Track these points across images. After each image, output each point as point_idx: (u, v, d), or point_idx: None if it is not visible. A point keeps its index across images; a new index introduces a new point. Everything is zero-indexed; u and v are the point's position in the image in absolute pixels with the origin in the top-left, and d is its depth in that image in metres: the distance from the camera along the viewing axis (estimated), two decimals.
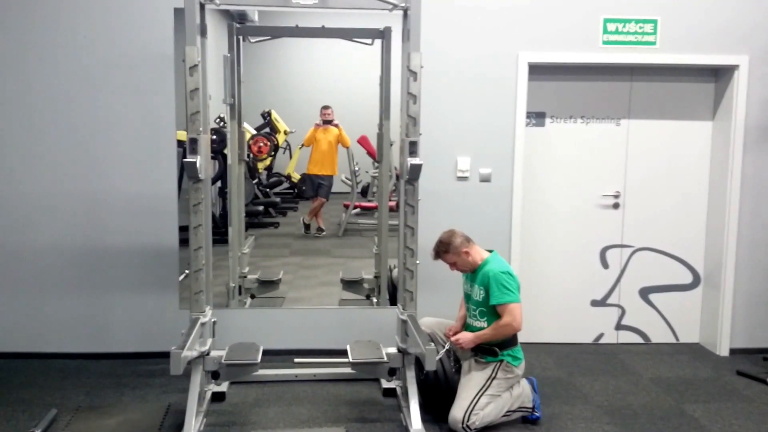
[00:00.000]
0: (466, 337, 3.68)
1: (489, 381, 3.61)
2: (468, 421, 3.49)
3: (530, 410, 3.72)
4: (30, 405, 3.84)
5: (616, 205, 4.98)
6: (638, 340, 5.10)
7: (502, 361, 3.65)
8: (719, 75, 4.88)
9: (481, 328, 3.68)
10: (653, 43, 4.65)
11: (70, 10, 4.34)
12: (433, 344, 3.36)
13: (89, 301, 4.56)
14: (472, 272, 3.77)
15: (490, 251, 3.80)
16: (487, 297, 3.64)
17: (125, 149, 4.45)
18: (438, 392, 3.79)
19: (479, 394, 3.56)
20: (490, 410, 3.56)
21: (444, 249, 3.74)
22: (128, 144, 4.45)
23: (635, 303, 5.07)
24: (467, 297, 3.85)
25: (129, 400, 3.96)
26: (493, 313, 3.64)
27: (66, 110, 4.41)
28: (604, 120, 4.92)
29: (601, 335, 5.09)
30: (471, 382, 3.63)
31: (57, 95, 4.39)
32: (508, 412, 3.63)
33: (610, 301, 5.07)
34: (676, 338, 5.11)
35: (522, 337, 3.78)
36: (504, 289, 3.59)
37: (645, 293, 5.07)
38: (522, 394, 3.70)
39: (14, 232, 4.48)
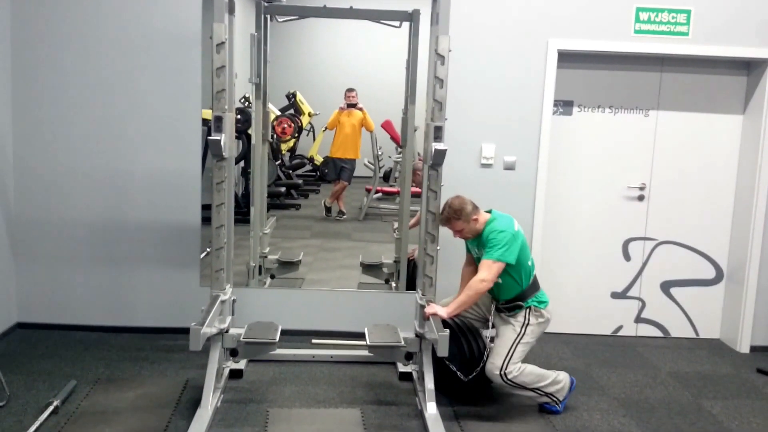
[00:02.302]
0: (438, 309, 3.61)
1: (523, 328, 3.61)
2: (506, 368, 3.50)
3: (557, 402, 3.69)
4: (50, 375, 3.90)
5: (641, 197, 4.93)
6: (658, 333, 5.06)
7: (530, 307, 3.64)
8: (751, 68, 4.80)
9: (500, 287, 3.64)
10: (686, 34, 4.57)
11: None
12: (447, 330, 3.35)
13: (112, 275, 4.61)
14: (477, 236, 3.69)
15: (489, 211, 3.73)
16: None
17: (152, 126, 4.47)
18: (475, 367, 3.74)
19: (515, 343, 3.57)
20: (529, 371, 3.57)
21: (456, 216, 3.61)
22: (155, 121, 4.47)
23: (656, 296, 5.02)
24: (477, 260, 3.73)
25: (148, 374, 4.01)
26: (505, 271, 3.58)
27: (95, 86, 4.44)
28: (632, 110, 4.86)
29: (620, 327, 5.06)
30: (505, 334, 3.63)
31: (87, 72, 4.42)
32: (541, 389, 3.62)
33: (630, 293, 5.02)
34: (696, 333, 5.06)
35: None
36: (489, 247, 3.55)
37: (666, 287, 5.02)
38: (563, 386, 3.69)
39: (41, 205, 4.53)
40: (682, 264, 5.00)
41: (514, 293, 3.65)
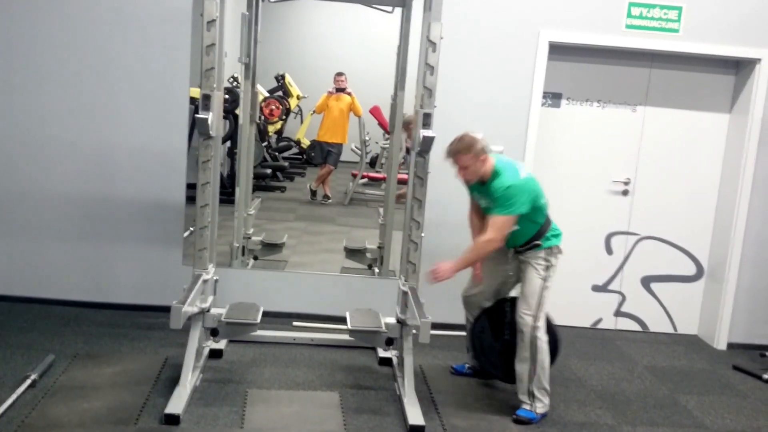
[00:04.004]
0: (443, 266, 3.46)
1: (547, 271, 3.53)
2: (538, 321, 3.47)
3: (533, 410, 3.56)
4: (29, 349, 3.88)
5: (625, 192, 4.96)
6: (636, 327, 5.11)
7: (551, 248, 3.54)
8: (740, 68, 4.83)
9: (515, 233, 3.47)
10: (676, 31, 4.59)
11: None
12: (430, 317, 3.31)
13: (93, 250, 4.58)
14: (482, 184, 3.51)
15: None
16: None
17: (138, 102, 4.43)
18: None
19: (543, 290, 3.50)
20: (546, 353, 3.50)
21: (465, 149, 3.40)
22: (141, 97, 4.43)
23: (636, 291, 5.07)
24: (486, 210, 3.57)
25: (127, 351, 4.00)
26: (524, 215, 3.42)
27: (81, 60, 4.39)
28: (620, 105, 4.88)
29: (599, 320, 5.10)
30: (531, 279, 3.51)
31: (73, 45, 4.37)
32: (539, 380, 3.50)
33: (611, 287, 5.06)
34: (675, 329, 5.12)
35: None
36: (497, 204, 3.39)
37: (647, 282, 5.07)
38: (547, 404, 3.57)
39: (23, 178, 4.49)
40: (664, 259, 5.04)
41: (532, 233, 3.53)
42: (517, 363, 3.54)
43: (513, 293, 3.75)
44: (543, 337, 3.49)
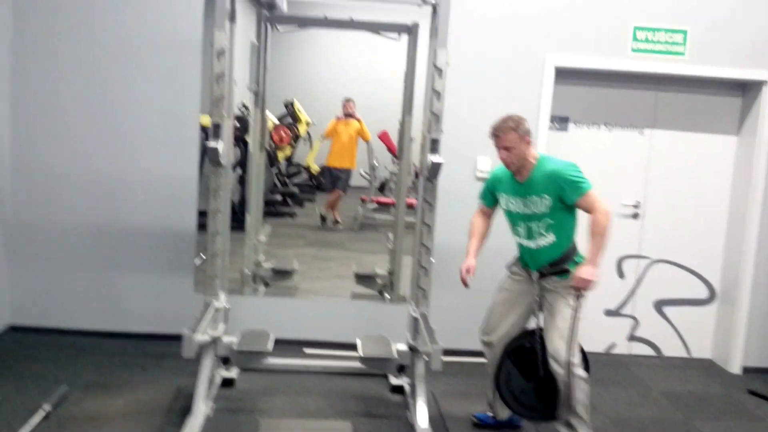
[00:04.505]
0: (586, 272, 3.11)
1: (578, 300, 3.19)
2: (574, 357, 3.18)
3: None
4: (41, 380, 3.88)
5: (635, 215, 4.95)
6: (650, 352, 5.07)
7: None
8: (746, 90, 4.83)
9: (549, 245, 3.24)
10: (682, 54, 4.61)
11: None
12: (441, 343, 3.30)
13: (105, 279, 4.60)
14: (522, 179, 3.25)
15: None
16: (557, 203, 3.17)
17: (149, 131, 4.48)
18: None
19: (575, 321, 3.19)
20: (585, 382, 3.24)
21: (513, 126, 3.18)
22: (152, 126, 4.47)
23: (649, 315, 5.04)
24: (517, 217, 3.32)
25: (139, 381, 3.99)
26: (563, 221, 3.22)
27: (93, 89, 4.44)
28: (628, 128, 4.89)
29: (613, 345, 5.06)
30: (561, 310, 3.21)
31: (85, 74, 4.42)
32: (580, 413, 3.26)
33: (624, 311, 5.03)
34: (689, 353, 5.08)
35: None
36: (578, 181, 3.11)
37: (659, 306, 5.03)
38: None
39: (35, 207, 4.52)
40: (676, 283, 5.01)
41: (564, 248, 3.26)
42: (559, 404, 3.26)
43: (532, 323, 3.43)
44: (581, 373, 3.24)
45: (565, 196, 3.15)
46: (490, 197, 3.51)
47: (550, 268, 3.26)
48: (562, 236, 3.24)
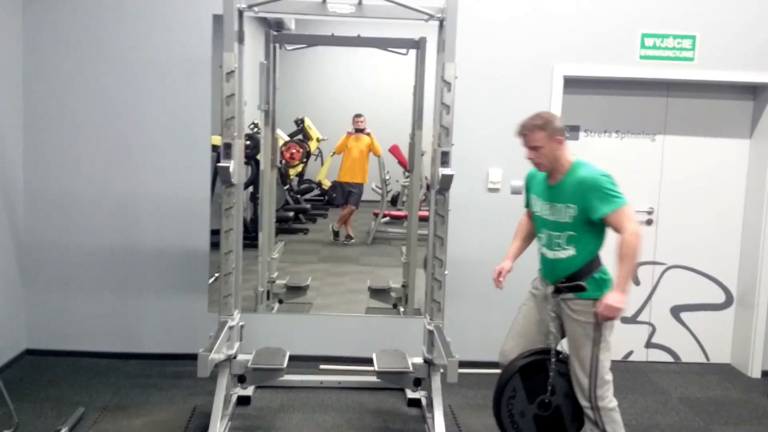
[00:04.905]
0: (613, 298, 2.83)
1: (598, 330, 2.91)
2: (597, 394, 2.93)
3: None
4: (58, 402, 3.90)
5: (649, 222, 4.92)
6: (668, 358, 5.02)
7: (600, 299, 2.89)
8: (758, 93, 4.81)
9: (567, 258, 2.97)
10: (691, 59, 4.59)
11: (112, 15, 4.41)
12: (457, 355, 3.30)
13: (120, 301, 4.62)
14: (553, 182, 3.01)
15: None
16: (581, 215, 2.90)
17: (161, 152, 4.51)
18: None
19: (597, 353, 2.92)
20: (617, 414, 3.00)
21: (540, 125, 2.93)
22: (164, 147, 4.51)
23: (666, 321, 4.99)
24: (541, 223, 3.08)
25: (155, 401, 4.00)
26: (585, 235, 2.94)
27: (105, 111, 4.48)
28: (639, 135, 4.87)
29: (630, 353, 5.02)
30: (577, 339, 2.95)
31: (97, 97, 4.47)
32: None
33: (640, 318, 5.00)
34: (707, 358, 5.02)
35: None
36: (610, 194, 2.85)
37: (676, 311, 4.99)
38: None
39: (50, 231, 4.56)
40: (692, 288, 4.97)
41: (585, 259, 2.97)
42: None
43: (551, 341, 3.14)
44: (607, 405, 2.97)
45: (592, 209, 2.86)
46: (527, 196, 3.27)
47: (566, 282, 2.99)
48: (583, 252, 2.96)
